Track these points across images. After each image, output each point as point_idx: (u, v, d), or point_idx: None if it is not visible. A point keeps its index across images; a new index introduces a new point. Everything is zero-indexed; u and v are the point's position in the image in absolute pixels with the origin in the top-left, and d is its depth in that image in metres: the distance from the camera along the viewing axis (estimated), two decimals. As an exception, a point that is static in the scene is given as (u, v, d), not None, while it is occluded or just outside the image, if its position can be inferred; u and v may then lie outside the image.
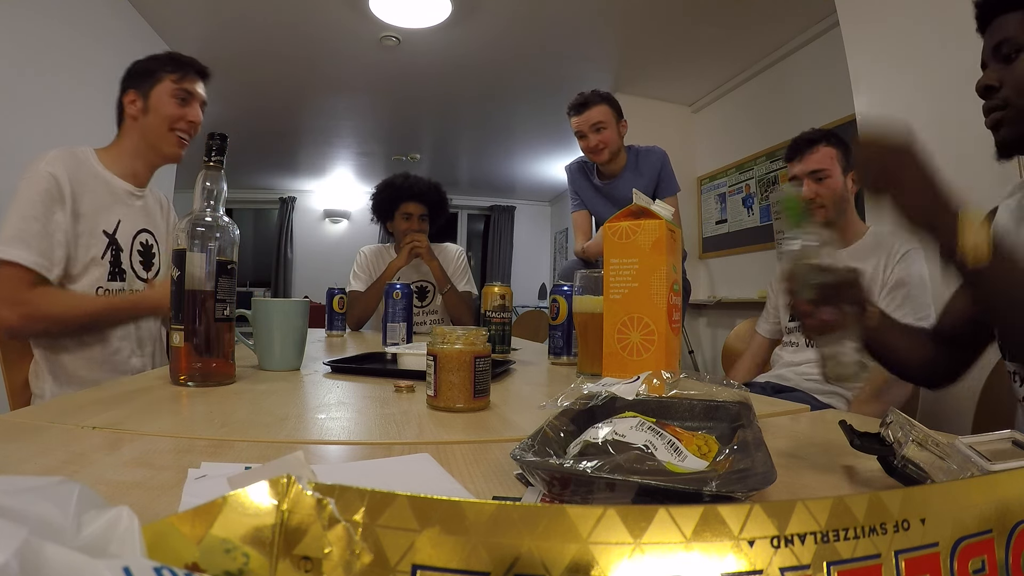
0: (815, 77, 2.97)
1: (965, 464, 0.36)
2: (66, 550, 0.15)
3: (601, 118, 1.97)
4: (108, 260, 1.17)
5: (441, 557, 0.19)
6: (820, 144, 1.41)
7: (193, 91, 1.26)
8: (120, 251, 1.20)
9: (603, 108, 1.98)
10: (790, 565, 0.20)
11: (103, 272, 1.16)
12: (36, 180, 1.08)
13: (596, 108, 1.97)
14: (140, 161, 1.26)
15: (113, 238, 1.19)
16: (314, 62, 3.44)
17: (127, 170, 1.24)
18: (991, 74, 0.78)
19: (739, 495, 0.31)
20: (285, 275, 6.63)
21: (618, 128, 2.02)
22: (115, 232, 1.19)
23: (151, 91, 1.23)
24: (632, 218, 0.80)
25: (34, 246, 1.05)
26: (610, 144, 1.99)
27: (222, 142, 0.80)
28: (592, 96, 2.00)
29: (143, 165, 1.27)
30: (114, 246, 1.19)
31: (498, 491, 0.39)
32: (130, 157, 1.25)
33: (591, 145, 1.99)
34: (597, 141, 1.97)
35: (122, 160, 1.24)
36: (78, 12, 2.38)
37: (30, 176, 1.09)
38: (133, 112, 1.23)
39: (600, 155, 2.00)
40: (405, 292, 1.43)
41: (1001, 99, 0.77)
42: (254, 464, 0.42)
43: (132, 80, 1.26)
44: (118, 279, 1.19)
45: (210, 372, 0.77)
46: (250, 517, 0.20)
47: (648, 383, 0.52)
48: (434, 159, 5.76)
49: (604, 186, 2.11)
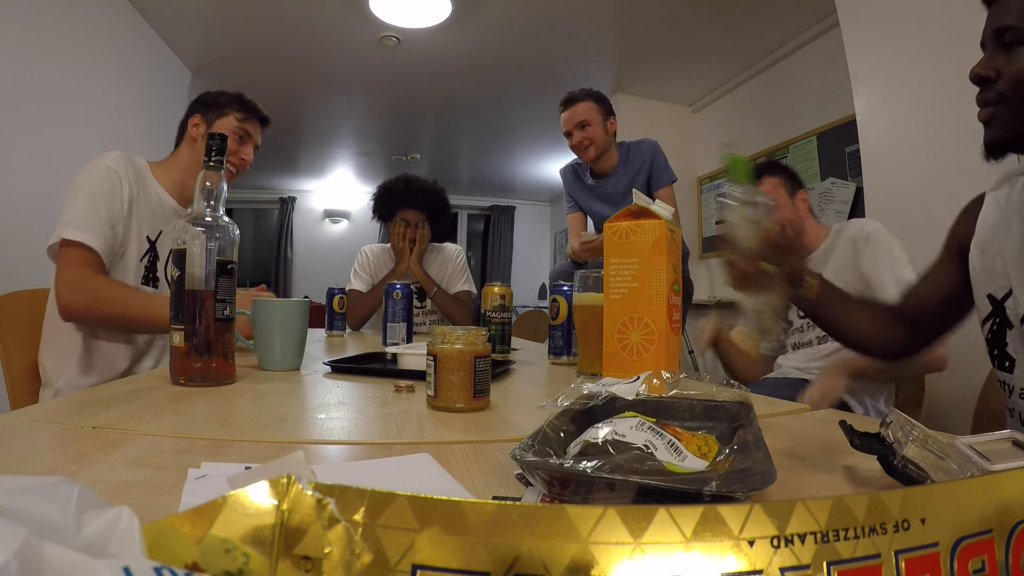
0: (815, 77, 2.97)
1: (965, 464, 0.36)
2: (66, 550, 0.15)
3: (586, 116, 1.95)
4: (145, 264, 1.23)
5: (441, 557, 0.19)
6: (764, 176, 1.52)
7: (252, 133, 1.36)
8: (157, 259, 1.26)
9: (588, 105, 1.97)
10: (790, 565, 0.19)
11: (139, 274, 1.22)
12: (101, 174, 1.14)
13: (581, 105, 1.96)
14: (190, 178, 1.31)
15: (153, 245, 1.25)
16: (314, 62, 3.44)
17: (175, 185, 1.31)
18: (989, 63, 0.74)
19: (739, 495, 0.31)
20: (285, 275, 6.63)
21: (605, 125, 1.99)
22: (156, 240, 1.26)
23: (215, 121, 1.32)
24: (632, 218, 0.80)
25: (100, 232, 1.10)
26: (596, 141, 1.97)
27: (222, 142, 0.80)
28: (578, 93, 1.98)
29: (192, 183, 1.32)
30: (152, 253, 1.25)
31: (498, 491, 0.39)
32: (180, 173, 1.32)
33: (575, 142, 1.98)
34: (581, 138, 1.96)
35: (172, 175, 1.31)
36: (78, 12, 2.38)
37: (94, 169, 1.15)
38: (195, 135, 1.31)
39: (586, 153, 1.99)
40: (405, 292, 1.43)
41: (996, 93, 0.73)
42: (254, 464, 0.42)
43: (200, 107, 1.34)
44: (151, 284, 1.25)
45: (210, 372, 0.77)
46: (250, 517, 0.20)
47: (648, 383, 0.52)
48: (434, 159, 5.76)
49: (597, 184, 2.10)
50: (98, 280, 1.10)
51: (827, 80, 2.81)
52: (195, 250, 0.76)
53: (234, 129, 1.32)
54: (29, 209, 2.04)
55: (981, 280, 0.85)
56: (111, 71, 2.64)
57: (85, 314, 1.11)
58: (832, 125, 2.84)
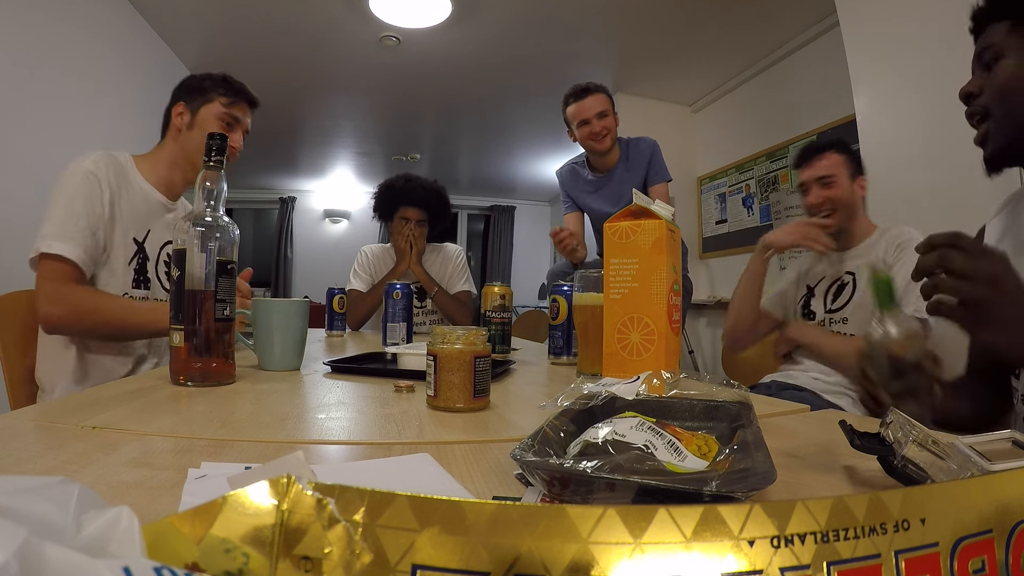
0: (815, 77, 2.97)
1: (965, 464, 0.36)
2: (66, 550, 0.15)
3: (604, 106, 1.99)
4: (134, 267, 1.20)
5: (441, 557, 0.19)
6: (828, 151, 1.46)
7: (240, 118, 1.29)
8: (147, 260, 1.23)
9: (604, 97, 2.01)
10: (790, 565, 0.19)
11: (129, 278, 1.19)
12: (79, 178, 1.10)
13: (598, 96, 1.99)
14: (176, 172, 1.28)
15: (141, 246, 1.21)
16: (314, 62, 3.44)
17: (162, 179, 1.27)
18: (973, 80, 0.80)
19: (739, 495, 0.31)
20: (285, 275, 6.64)
21: (615, 117, 2.04)
22: (144, 241, 1.22)
23: (200, 108, 1.25)
24: (632, 218, 0.80)
25: (79, 241, 1.07)
26: (612, 131, 2.01)
27: (222, 142, 0.80)
28: (592, 85, 2.02)
29: (179, 177, 1.29)
30: (141, 254, 1.22)
31: (498, 491, 0.39)
32: (167, 167, 1.27)
33: (595, 130, 1.99)
34: (601, 127, 1.99)
35: (158, 169, 1.26)
36: (78, 12, 2.38)
37: (72, 173, 1.11)
38: (179, 124, 1.26)
39: (603, 142, 2.01)
40: (405, 292, 1.43)
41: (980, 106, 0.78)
42: (254, 464, 0.42)
43: (184, 93, 1.28)
44: (142, 287, 1.22)
45: (210, 372, 0.77)
46: (250, 517, 0.20)
47: (648, 383, 0.52)
48: (434, 159, 5.76)
49: (597, 180, 2.12)
50: (78, 292, 1.07)
51: (827, 80, 2.81)
52: (195, 250, 0.76)
53: (220, 116, 1.26)
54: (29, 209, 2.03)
55: None
56: (111, 71, 2.64)
57: (67, 327, 1.10)
58: (832, 125, 2.84)
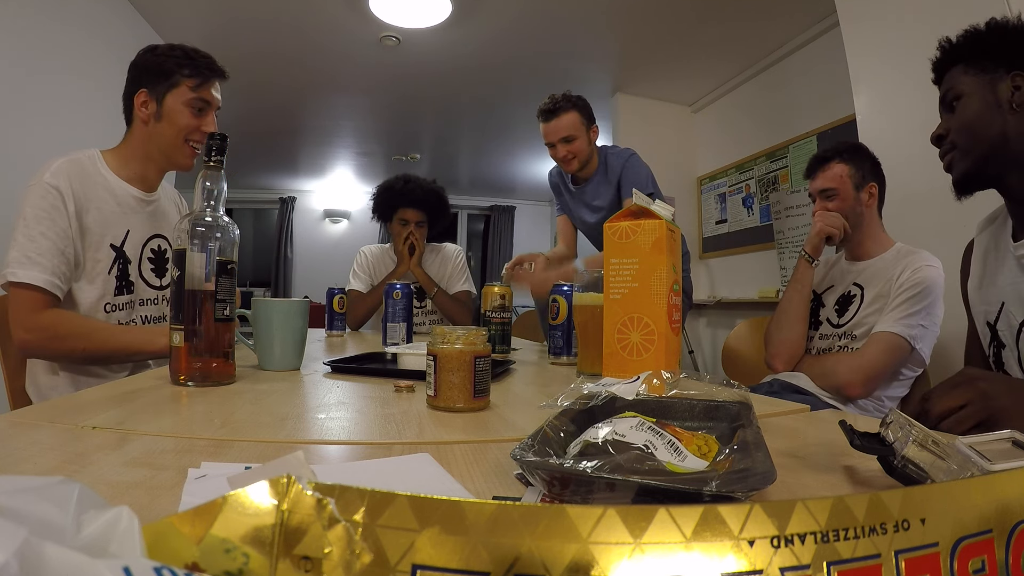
0: (815, 77, 2.97)
1: (965, 464, 0.36)
2: (66, 550, 0.15)
3: (571, 131, 1.85)
4: (115, 275, 1.14)
5: (441, 557, 0.19)
6: (832, 161, 1.43)
7: (211, 99, 1.19)
8: (128, 263, 1.16)
9: (572, 117, 1.85)
10: (790, 565, 0.19)
11: (110, 287, 1.13)
12: (40, 195, 1.04)
13: (565, 117, 1.84)
14: (151, 166, 1.21)
15: (121, 251, 1.15)
16: (314, 62, 3.44)
17: (135, 174, 1.19)
18: (940, 125, 0.90)
19: (739, 495, 0.31)
20: (285, 275, 6.63)
21: (588, 135, 1.90)
22: (123, 244, 1.15)
23: (166, 96, 1.15)
24: (632, 218, 0.80)
25: (46, 265, 1.02)
26: (580, 155, 1.89)
27: (222, 142, 0.80)
28: (562, 103, 1.86)
29: (153, 169, 1.23)
30: (121, 259, 1.15)
31: (498, 491, 0.39)
32: (139, 161, 1.19)
33: (560, 156, 1.89)
34: (566, 152, 1.87)
35: (130, 164, 1.19)
36: (77, 11, 2.38)
37: (34, 190, 1.04)
38: (144, 116, 1.16)
39: (570, 165, 1.91)
40: (405, 292, 1.43)
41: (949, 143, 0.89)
42: (254, 464, 0.42)
43: (145, 78, 1.16)
44: (125, 292, 1.16)
45: (210, 372, 0.77)
46: (250, 517, 0.20)
47: (648, 383, 0.52)
48: (434, 159, 5.76)
49: (577, 191, 2.04)
50: (50, 316, 1.03)
51: (827, 80, 2.81)
52: (195, 250, 0.76)
53: (190, 101, 1.15)
54: (29, 209, 2.04)
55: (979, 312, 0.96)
56: (111, 71, 2.63)
57: (44, 353, 1.07)
58: (832, 125, 2.84)
